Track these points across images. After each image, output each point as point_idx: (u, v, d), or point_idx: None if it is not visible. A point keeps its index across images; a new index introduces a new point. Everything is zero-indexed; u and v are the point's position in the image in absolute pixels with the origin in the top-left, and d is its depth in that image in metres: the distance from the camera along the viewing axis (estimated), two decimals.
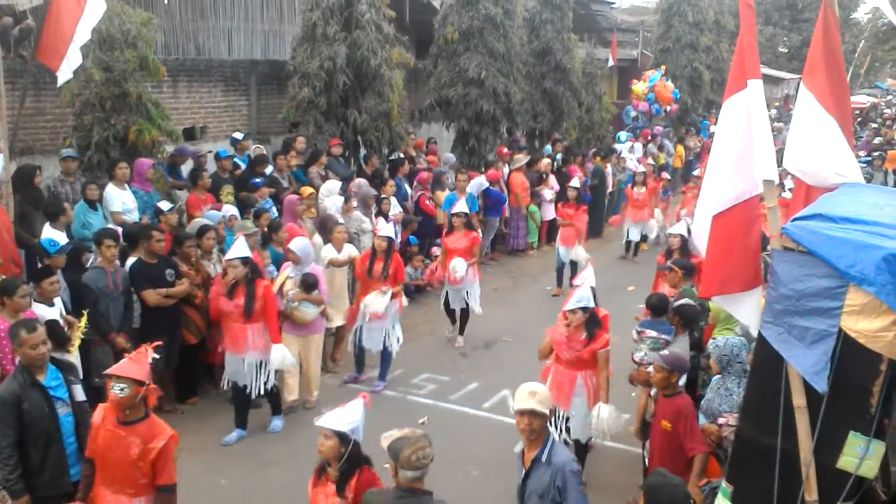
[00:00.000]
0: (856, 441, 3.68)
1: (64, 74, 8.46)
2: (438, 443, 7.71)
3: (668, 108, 21.13)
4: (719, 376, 5.83)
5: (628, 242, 15.21)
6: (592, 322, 6.56)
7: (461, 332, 10.49)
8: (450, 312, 10.52)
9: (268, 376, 7.56)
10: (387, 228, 9.05)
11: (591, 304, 6.58)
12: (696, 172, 15.92)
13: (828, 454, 3.76)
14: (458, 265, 9.93)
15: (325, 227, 9.73)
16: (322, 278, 8.21)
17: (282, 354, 7.50)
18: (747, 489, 4.11)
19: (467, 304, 10.25)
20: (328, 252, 9.21)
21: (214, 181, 10.22)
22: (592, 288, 7.09)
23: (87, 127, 9.34)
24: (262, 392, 7.67)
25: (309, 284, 7.97)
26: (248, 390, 7.58)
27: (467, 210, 10.53)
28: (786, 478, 3.89)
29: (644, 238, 15.42)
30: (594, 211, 15.50)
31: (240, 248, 7.43)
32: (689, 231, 9.03)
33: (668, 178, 15.88)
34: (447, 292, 10.29)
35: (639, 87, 20.93)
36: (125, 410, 4.61)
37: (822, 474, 3.79)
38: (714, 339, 6.33)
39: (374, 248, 8.86)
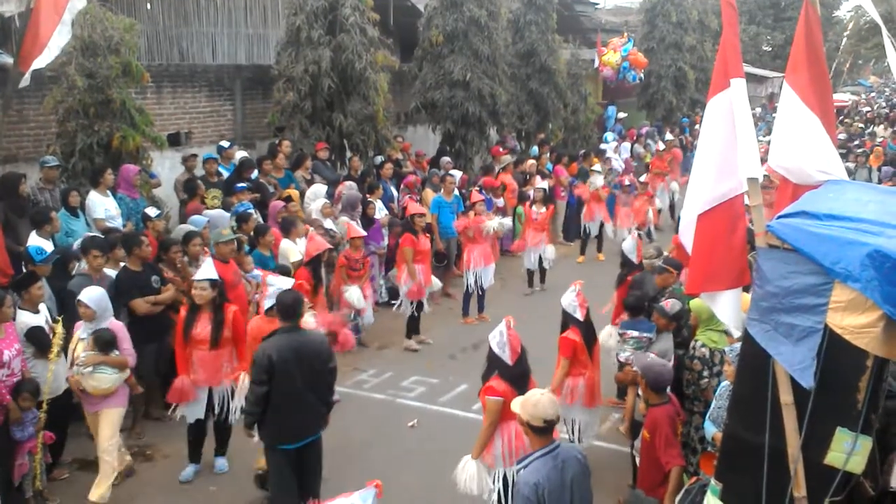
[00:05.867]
0: (843, 437, 3.69)
1: (24, 80, 8.37)
2: (427, 445, 7.80)
3: (641, 74, 21.35)
4: (728, 383, 5.47)
5: (529, 271, 12.92)
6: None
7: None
8: None
9: (236, 406, 6.86)
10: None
11: None
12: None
13: (815, 450, 3.76)
14: (355, 295, 9.47)
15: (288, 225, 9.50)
16: (122, 333, 6.53)
17: None
18: (736, 486, 4.12)
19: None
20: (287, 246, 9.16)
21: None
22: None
23: (71, 134, 9.30)
24: (226, 420, 6.98)
25: (105, 342, 6.27)
26: (206, 423, 7.00)
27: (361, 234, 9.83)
28: (774, 474, 3.89)
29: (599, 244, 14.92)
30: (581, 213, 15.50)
31: (208, 269, 6.90)
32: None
33: (633, 181, 15.22)
34: None
35: (611, 57, 20.74)
36: None
37: (810, 470, 3.79)
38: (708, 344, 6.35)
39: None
